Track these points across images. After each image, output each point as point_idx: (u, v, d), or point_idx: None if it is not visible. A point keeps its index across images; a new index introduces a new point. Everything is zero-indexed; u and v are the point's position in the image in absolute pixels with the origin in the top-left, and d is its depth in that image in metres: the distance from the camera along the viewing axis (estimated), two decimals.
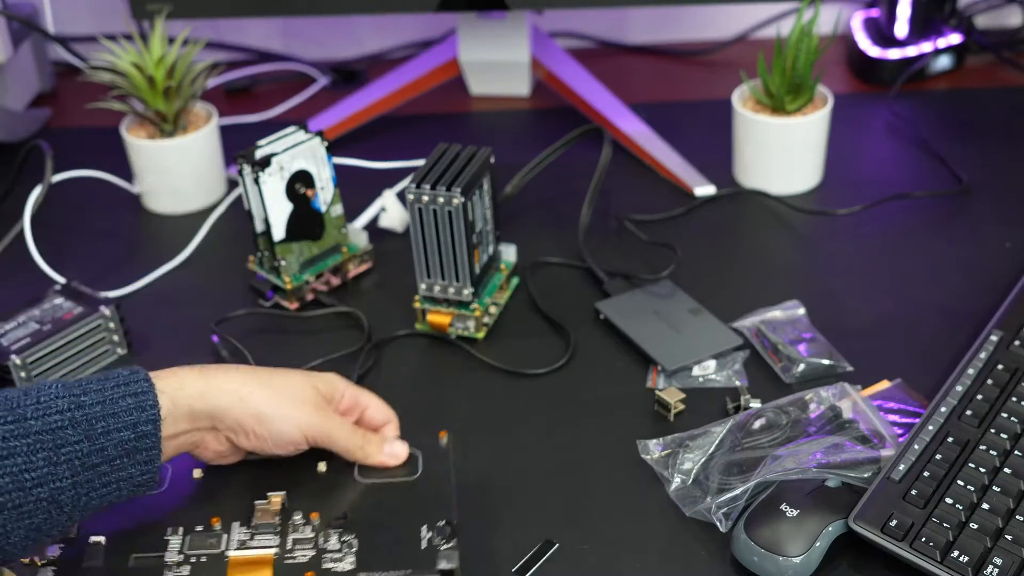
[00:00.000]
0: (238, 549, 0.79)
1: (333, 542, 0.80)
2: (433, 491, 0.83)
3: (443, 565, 0.76)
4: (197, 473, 0.85)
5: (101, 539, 0.80)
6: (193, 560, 0.79)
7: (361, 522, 0.81)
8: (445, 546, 0.78)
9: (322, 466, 0.85)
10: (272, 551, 0.79)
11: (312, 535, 0.80)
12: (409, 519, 0.81)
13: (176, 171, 1.21)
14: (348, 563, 0.78)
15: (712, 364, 0.98)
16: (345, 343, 1.03)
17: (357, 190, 1.18)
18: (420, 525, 0.80)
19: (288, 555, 0.79)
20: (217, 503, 0.83)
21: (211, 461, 0.84)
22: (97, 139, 1.31)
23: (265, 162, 1.02)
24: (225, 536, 0.80)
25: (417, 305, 1.03)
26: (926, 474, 0.82)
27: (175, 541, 0.80)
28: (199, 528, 0.81)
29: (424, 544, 0.79)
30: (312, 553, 0.79)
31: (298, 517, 0.82)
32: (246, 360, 1.00)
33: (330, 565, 0.78)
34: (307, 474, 0.85)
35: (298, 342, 1.04)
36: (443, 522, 0.80)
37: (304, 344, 1.04)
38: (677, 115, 1.34)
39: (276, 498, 0.82)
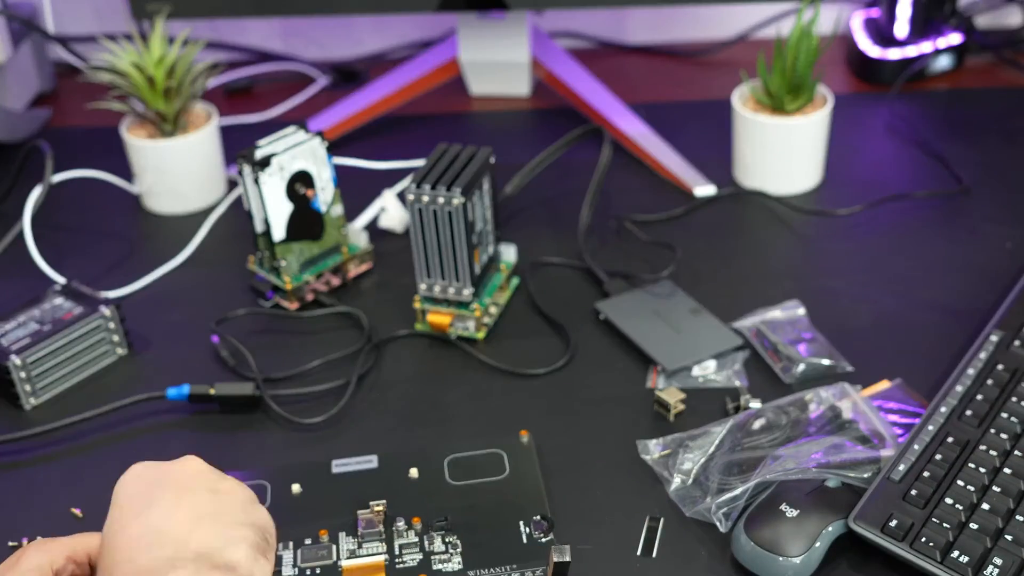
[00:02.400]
0: (349, 558, 0.81)
1: (438, 544, 0.82)
2: (522, 488, 0.86)
3: (558, 558, 0.77)
4: (296, 488, 0.87)
5: None
6: (308, 572, 0.81)
7: (461, 523, 0.83)
8: (544, 539, 0.81)
9: (414, 472, 0.87)
10: (382, 558, 0.81)
11: (416, 539, 0.82)
12: (505, 516, 0.84)
13: (176, 171, 1.21)
14: (456, 563, 0.81)
15: (712, 364, 0.98)
16: (345, 343, 1.03)
17: (357, 190, 1.18)
18: (517, 521, 0.83)
19: (398, 560, 0.81)
20: (320, 516, 0.85)
21: None
22: (97, 139, 1.31)
23: (265, 162, 1.02)
24: (334, 547, 0.82)
25: (417, 305, 1.03)
26: (926, 474, 0.82)
27: (287, 556, 0.82)
28: (308, 541, 0.83)
29: (524, 539, 0.82)
30: (420, 556, 0.81)
31: (400, 523, 0.83)
32: (246, 360, 1.00)
33: (440, 567, 0.80)
34: (401, 481, 0.87)
35: (298, 342, 1.04)
36: (538, 516, 0.83)
37: (304, 344, 1.04)
38: (677, 115, 1.34)
39: (378, 507, 0.84)
